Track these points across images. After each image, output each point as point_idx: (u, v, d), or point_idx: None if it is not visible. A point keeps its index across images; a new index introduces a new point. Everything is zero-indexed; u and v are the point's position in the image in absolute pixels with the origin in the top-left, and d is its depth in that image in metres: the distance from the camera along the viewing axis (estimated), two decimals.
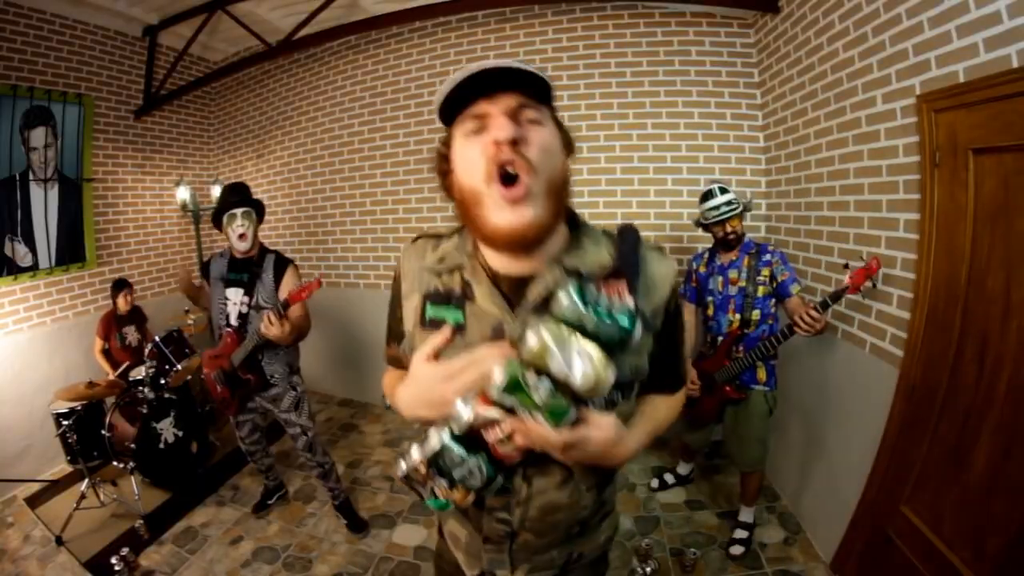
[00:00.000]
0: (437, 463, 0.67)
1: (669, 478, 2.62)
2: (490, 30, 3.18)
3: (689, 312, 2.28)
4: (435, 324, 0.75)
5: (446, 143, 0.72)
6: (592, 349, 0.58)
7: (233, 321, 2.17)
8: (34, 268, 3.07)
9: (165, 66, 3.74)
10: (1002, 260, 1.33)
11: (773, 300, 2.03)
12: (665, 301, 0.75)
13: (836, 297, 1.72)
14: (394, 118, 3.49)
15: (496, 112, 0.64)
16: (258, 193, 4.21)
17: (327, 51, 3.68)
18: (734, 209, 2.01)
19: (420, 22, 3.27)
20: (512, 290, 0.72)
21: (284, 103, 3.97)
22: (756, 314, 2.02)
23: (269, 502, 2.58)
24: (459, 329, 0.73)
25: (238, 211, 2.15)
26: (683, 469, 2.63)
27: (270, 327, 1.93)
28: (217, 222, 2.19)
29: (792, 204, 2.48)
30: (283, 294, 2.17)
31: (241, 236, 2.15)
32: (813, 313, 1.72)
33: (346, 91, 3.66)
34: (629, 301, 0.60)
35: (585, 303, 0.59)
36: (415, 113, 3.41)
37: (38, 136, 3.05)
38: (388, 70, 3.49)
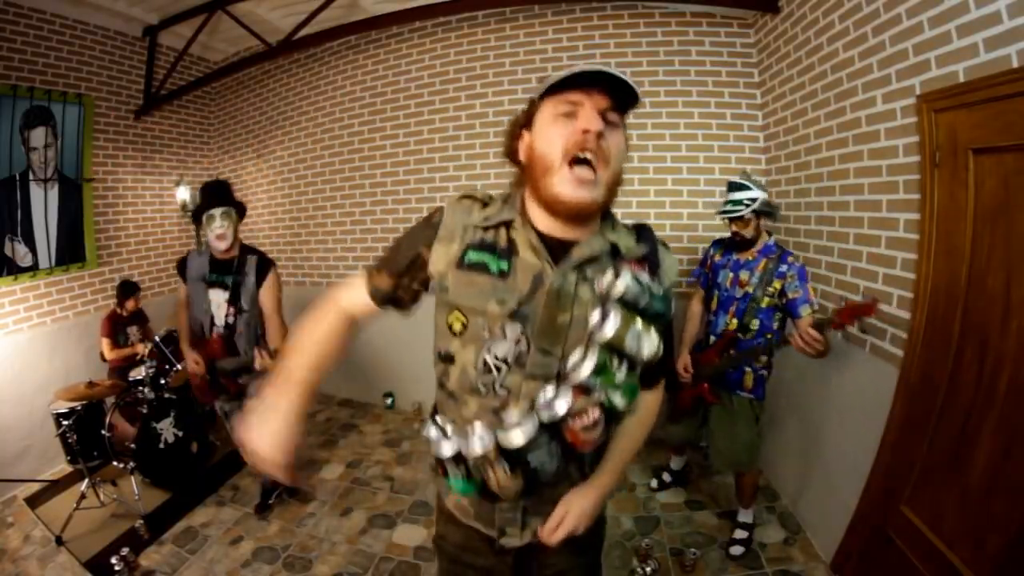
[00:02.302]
0: (513, 451, 0.72)
1: (666, 476, 2.62)
2: (490, 30, 3.18)
3: (697, 299, 2.23)
4: (473, 267, 0.82)
5: (529, 112, 0.82)
6: (647, 328, 0.69)
7: (219, 323, 2.18)
8: (34, 268, 3.07)
9: (165, 66, 3.74)
10: (1002, 260, 1.33)
11: (778, 314, 1.91)
12: (668, 289, 0.82)
13: (818, 326, 1.62)
14: (394, 118, 3.49)
15: (589, 106, 0.75)
16: (258, 193, 4.24)
17: (327, 51, 3.68)
18: (737, 211, 1.88)
19: (420, 22, 3.27)
20: (555, 250, 0.80)
21: (284, 103, 3.97)
22: (755, 323, 1.92)
23: (270, 501, 2.57)
24: (502, 275, 0.80)
25: (217, 211, 2.11)
26: (676, 463, 2.62)
27: (266, 365, 2.01)
28: (197, 221, 2.19)
29: (792, 204, 2.48)
30: (264, 304, 2.21)
31: (219, 236, 2.12)
32: (812, 332, 1.62)
33: (346, 91, 3.66)
34: (657, 284, 0.72)
35: (640, 285, 0.69)
36: (415, 113, 3.41)
37: (38, 136, 3.04)
38: (388, 70, 3.49)
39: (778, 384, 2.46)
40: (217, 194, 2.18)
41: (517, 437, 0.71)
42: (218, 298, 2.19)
